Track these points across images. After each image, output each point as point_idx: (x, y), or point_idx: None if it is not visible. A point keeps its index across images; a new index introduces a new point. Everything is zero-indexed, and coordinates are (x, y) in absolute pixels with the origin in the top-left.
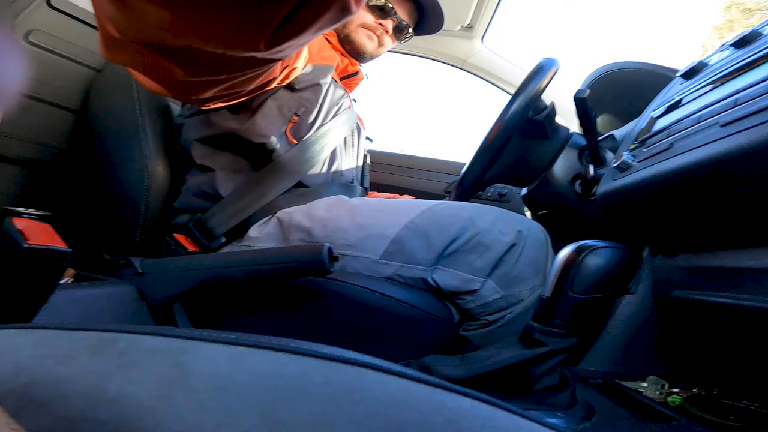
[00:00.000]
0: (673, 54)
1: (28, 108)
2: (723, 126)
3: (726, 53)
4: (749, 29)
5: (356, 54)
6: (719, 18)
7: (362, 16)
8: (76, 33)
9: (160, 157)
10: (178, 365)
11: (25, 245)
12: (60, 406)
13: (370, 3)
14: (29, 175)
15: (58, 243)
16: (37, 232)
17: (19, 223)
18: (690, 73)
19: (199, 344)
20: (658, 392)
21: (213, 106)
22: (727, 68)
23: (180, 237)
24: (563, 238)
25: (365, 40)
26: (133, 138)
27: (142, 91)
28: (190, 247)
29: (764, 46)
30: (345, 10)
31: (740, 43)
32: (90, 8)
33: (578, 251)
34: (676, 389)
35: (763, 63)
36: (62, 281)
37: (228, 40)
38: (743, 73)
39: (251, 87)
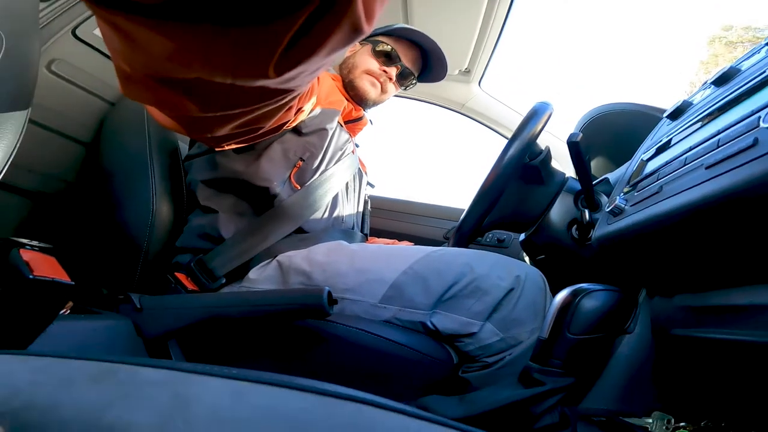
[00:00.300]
0: (666, 90)
1: (41, 138)
2: (707, 168)
3: (708, 91)
4: (728, 66)
5: (359, 100)
6: (705, 52)
7: (367, 62)
8: (96, 65)
9: (166, 195)
10: (179, 397)
11: (31, 276)
12: (55, 430)
13: (377, 49)
14: (34, 205)
15: (62, 276)
16: (42, 264)
17: (26, 255)
18: (676, 114)
19: (201, 378)
20: (663, 427)
21: (227, 147)
22: (710, 107)
23: (180, 276)
24: (562, 283)
25: (368, 87)
26: (142, 175)
27: (153, 128)
28: (190, 286)
29: (742, 84)
30: (356, 30)
31: (720, 81)
32: None
33: (574, 294)
34: (682, 424)
35: (743, 100)
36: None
37: (235, 67)
38: (725, 111)
39: (267, 126)
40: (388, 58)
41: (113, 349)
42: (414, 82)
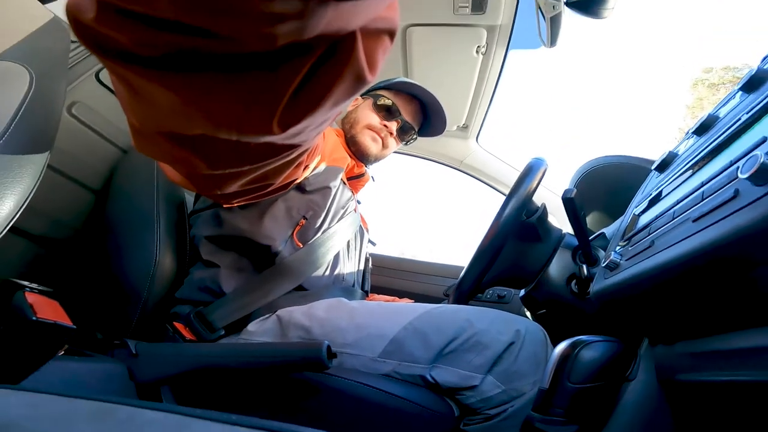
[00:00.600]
0: (658, 137)
1: (53, 183)
2: (694, 221)
3: (691, 141)
4: (707, 114)
5: (360, 156)
6: (689, 97)
7: (368, 116)
8: (114, 111)
9: (169, 248)
10: None
11: (34, 318)
12: None
13: (377, 103)
14: (39, 249)
15: (64, 319)
16: (45, 307)
17: (30, 297)
18: (663, 166)
19: (200, 422)
20: None
21: (236, 204)
22: (693, 158)
23: (178, 325)
24: (563, 336)
25: (369, 143)
26: (148, 226)
27: (162, 180)
28: (188, 336)
29: (721, 132)
30: (360, 80)
31: (701, 130)
32: None
33: (573, 346)
34: None
35: (723, 150)
36: None
37: (239, 121)
38: (707, 162)
39: (277, 183)
40: (388, 112)
41: (104, 391)
42: (415, 136)
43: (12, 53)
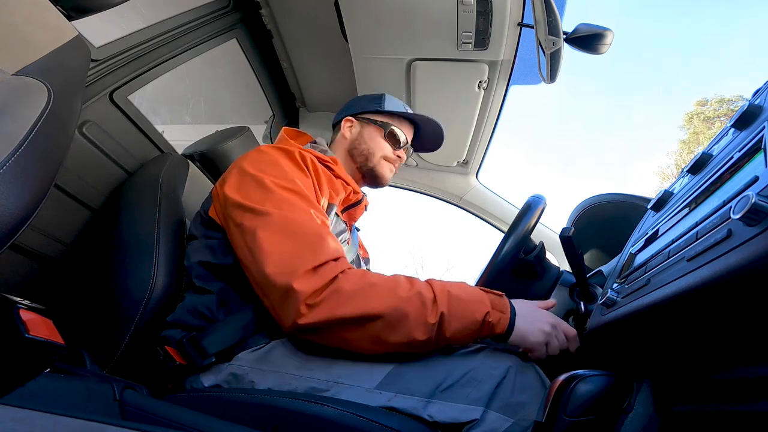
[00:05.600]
0: (656, 173)
1: (54, 200)
2: (689, 260)
3: (686, 180)
4: (701, 152)
5: (376, 183)
6: (685, 132)
7: (383, 147)
8: (124, 133)
9: (166, 273)
10: None
11: (27, 335)
12: None
13: (389, 133)
14: (33, 265)
15: (56, 338)
16: (39, 325)
17: (24, 315)
18: (659, 205)
19: None
20: None
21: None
22: (688, 197)
23: (170, 349)
24: (560, 371)
25: (388, 173)
26: (147, 249)
27: (164, 205)
28: (179, 360)
29: (714, 171)
30: None
31: (695, 169)
32: (146, 113)
33: (569, 380)
34: None
35: (717, 189)
36: None
37: None
38: (701, 201)
39: None
40: (398, 141)
41: (88, 410)
42: (412, 154)
43: (33, 69)
